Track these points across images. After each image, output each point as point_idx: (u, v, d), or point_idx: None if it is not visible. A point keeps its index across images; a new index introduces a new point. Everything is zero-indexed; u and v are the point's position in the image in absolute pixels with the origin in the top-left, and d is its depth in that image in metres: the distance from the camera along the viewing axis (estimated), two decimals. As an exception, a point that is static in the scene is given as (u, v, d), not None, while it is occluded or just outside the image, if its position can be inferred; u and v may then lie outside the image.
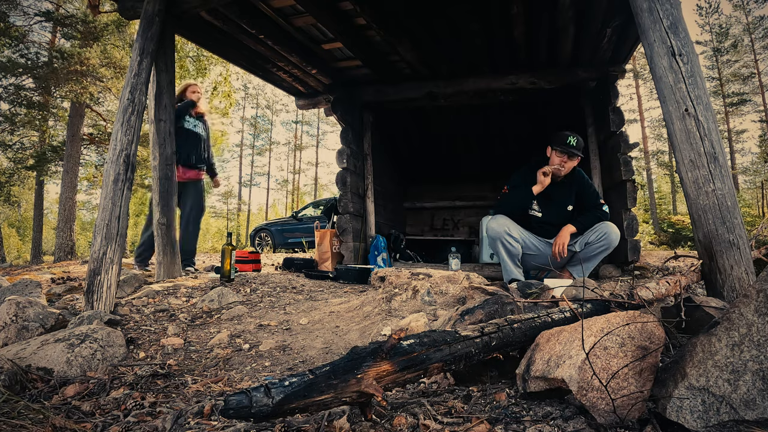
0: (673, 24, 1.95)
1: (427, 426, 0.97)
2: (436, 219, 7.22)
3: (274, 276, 3.49)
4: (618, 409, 0.87)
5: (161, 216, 3.17)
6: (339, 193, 4.80)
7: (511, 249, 2.92)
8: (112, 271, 2.42)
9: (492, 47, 4.14)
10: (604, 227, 2.87)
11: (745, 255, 1.77)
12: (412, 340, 1.02)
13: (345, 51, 4.26)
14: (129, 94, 2.75)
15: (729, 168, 1.92)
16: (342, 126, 4.94)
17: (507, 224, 2.92)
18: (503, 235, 2.89)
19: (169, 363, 1.73)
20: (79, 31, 9.67)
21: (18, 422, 1.07)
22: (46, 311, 1.99)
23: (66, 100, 10.66)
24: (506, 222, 2.93)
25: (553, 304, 1.58)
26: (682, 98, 1.89)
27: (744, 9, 24.73)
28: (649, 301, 1.47)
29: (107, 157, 2.68)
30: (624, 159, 3.97)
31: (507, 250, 2.92)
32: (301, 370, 1.06)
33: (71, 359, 1.59)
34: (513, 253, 2.93)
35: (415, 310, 2.17)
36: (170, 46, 3.36)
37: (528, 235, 3.01)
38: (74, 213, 10.63)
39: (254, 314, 2.44)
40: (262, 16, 3.61)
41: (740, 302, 0.88)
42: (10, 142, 12.06)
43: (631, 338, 0.97)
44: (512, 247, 2.91)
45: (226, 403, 0.77)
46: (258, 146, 38.93)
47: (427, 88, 4.83)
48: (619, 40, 3.85)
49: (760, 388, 0.79)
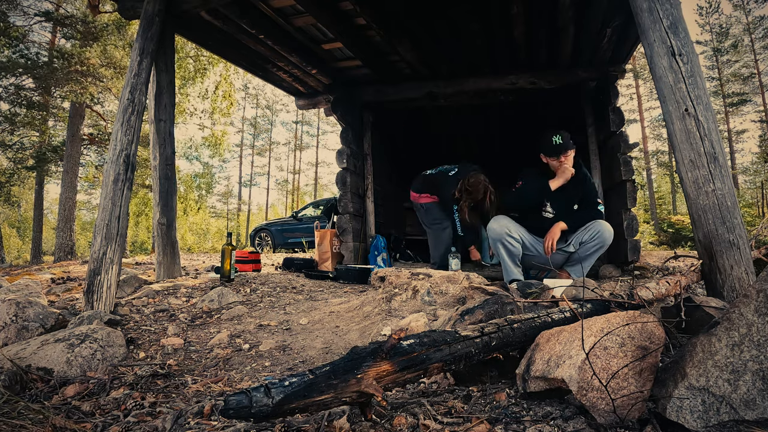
0: (673, 24, 1.95)
1: (427, 426, 0.97)
2: (436, 219, 7.20)
3: (274, 276, 3.49)
4: (618, 409, 0.87)
5: (161, 216, 3.17)
6: (339, 193, 4.80)
7: (512, 249, 2.92)
8: (112, 271, 2.42)
9: (492, 47, 4.14)
10: (597, 226, 2.85)
11: (745, 255, 1.77)
12: (412, 340, 1.02)
13: (345, 51, 4.26)
14: (129, 94, 2.75)
15: (729, 168, 1.92)
16: (342, 126, 4.94)
17: (507, 225, 2.93)
18: (504, 236, 2.90)
19: (169, 363, 1.73)
20: (79, 31, 9.67)
21: (18, 422, 1.07)
22: (46, 311, 1.99)
23: (66, 100, 10.66)
24: (507, 222, 2.94)
25: (553, 304, 1.58)
26: (682, 98, 1.89)
27: (744, 9, 24.71)
28: (649, 301, 1.47)
29: (107, 157, 2.68)
30: (624, 159, 3.97)
31: (507, 250, 2.92)
32: (301, 370, 1.06)
33: (71, 359, 1.59)
34: (513, 253, 2.94)
35: (415, 310, 2.17)
36: (170, 46, 3.36)
37: (528, 235, 3.01)
38: (74, 213, 10.63)
39: (254, 314, 2.44)
40: (262, 16, 3.61)
41: (740, 302, 0.88)
42: (10, 142, 12.05)
43: (631, 338, 0.97)
44: (513, 247, 2.92)
45: (226, 403, 0.77)
46: (258, 146, 38.92)
47: (427, 88, 4.83)
48: (619, 40, 3.85)
49: (760, 388, 0.79)
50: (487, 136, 6.36)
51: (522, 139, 6.19)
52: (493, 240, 2.94)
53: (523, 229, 2.99)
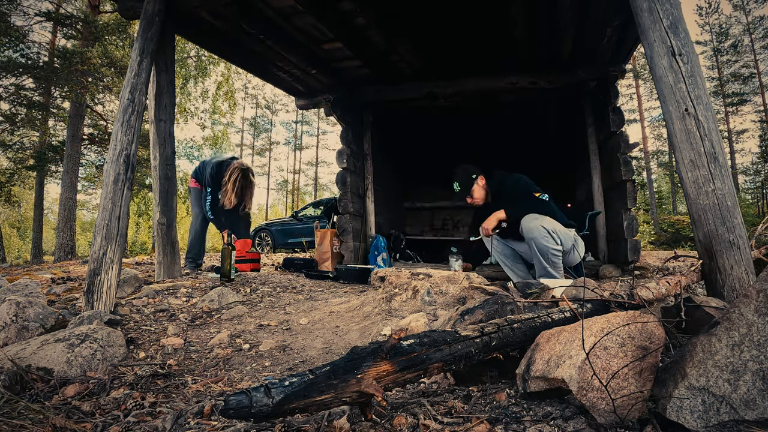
0: (673, 24, 1.95)
1: (427, 426, 0.97)
2: (436, 219, 7.22)
3: (274, 276, 3.49)
4: (618, 409, 0.87)
5: (161, 216, 3.17)
6: (339, 193, 4.80)
7: (506, 261, 3.26)
8: (112, 271, 2.42)
9: (492, 47, 4.14)
10: (523, 221, 2.86)
11: (745, 255, 1.77)
12: (412, 340, 1.02)
13: (345, 51, 4.26)
14: (129, 94, 2.75)
15: (729, 168, 1.92)
16: (342, 126, 4.94)
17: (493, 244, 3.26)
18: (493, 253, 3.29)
19: (169, 363, 1.73)
20: (79, 31, 9.67)
21: (18, 422, 1.07)
22: (46, 311, 1.99)
23: (66, 100, 10.66)
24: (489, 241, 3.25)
25: (553, 304, 1.58)
26: (682, 98, 1.89)
27: (744, 9, 24.71)
28: (649, 301, 1.47)
29: (107, 157, 2.68)
30: (624, 159, 3.97)
31: (503, 263, 3.28)
32: (301, 370, 1.06)
33: (71, 359, 1.59)
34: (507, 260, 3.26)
35: (415, 310, 2.17)
36: (170, 46, 3.36)
37: (501, 245, 3.24)
38: (74, 213, 10.63)
39: (254, 314, 2.44)
40: (262, 16, 3.61)
41: (740, 302, 0.88)
42: (10, 142, 12.06)
43: (631, 338, 0.96)
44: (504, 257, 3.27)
45: (226, 403, 0.77)
46: (258, 146, 38.92)
47: (427, 88, 4.82)
48: (619, 40, 3.85)
49: (760, 388, 0.79)
50: (487, 136, 6.36)
51: (522, 139, 6.21)
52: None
53: (498, 241, 3.27)
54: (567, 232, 2.89)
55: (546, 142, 6.06)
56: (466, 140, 6.48)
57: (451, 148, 6.60)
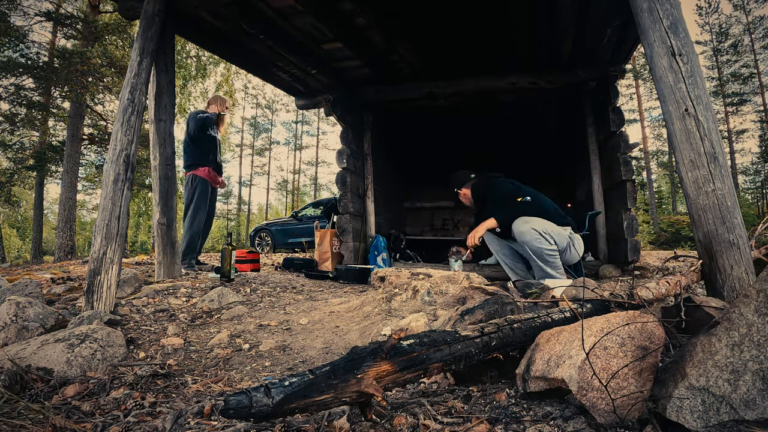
0: (673, 24, 1.95)
1: (427, 426, 0.97)
2: (436, 219, 7.22)
3: (274, 276, 3.49)
4: (618, 409, 0.87)
5: (161, 216, 3.17)
6: (339, 193, 4.80)
7: (506, 261, 3.29)
8: (112, 271, 2.42)
9: (492, 47, 4.14)
10: (513, 226, 2.92)
11: (745, 255, 1.77)
12: (412, 340, 1.02)
13: (345, 51, 4.26)
14: (129, 94, 2.75)
15: (729, 168, 1.92)
16: (342, 126, 4.94)
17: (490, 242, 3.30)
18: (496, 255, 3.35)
19: (169, 363, 1.73)
20: (79, 31, 9.67)
21: (18, 422, 1.07)
22: (46, 311, 1.99)
23: (66, 100, 10.66)
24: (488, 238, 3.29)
25: (553, 304, 1.58)
26: (682, 98, 1.89)
27: (744, 9, 24.69)
28: (649, 301, 1.47)
29: (107, 157, 2.68)
30: (624, 159, 3.97)
31: (503, 262, 3.34)
32: (301, 370, 1.06)
33: (71, 359, 1.59)
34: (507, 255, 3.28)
35: (415, 310, 2.17)
36: (170, 46, 3.36)
37: (501, 244, 3.27)
38: (74, 213, 10.63)
39: (254, 314, 2.44)
40: (262, 16, 3.61)
41: (740, 302, 0.88)
42: (10, 142, 12.06)
43: (631, 338, 0.96)
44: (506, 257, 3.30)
45: (226, 403, 0.77)
46: (258, 146, 38.91)
47: (427, 88, 4.82)
48: (619, 40, 3.85)
49: (760, 388, 0.79)
50: (487, 136, 6.36)
51: (522, 139, 6.21)
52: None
53: (497, 241, 3.33)
54: (561, 231, 2.89)
55: (546, 142, 6.06)
56: (466, 140, 6.48)
57: (451, 148, 6.60)
